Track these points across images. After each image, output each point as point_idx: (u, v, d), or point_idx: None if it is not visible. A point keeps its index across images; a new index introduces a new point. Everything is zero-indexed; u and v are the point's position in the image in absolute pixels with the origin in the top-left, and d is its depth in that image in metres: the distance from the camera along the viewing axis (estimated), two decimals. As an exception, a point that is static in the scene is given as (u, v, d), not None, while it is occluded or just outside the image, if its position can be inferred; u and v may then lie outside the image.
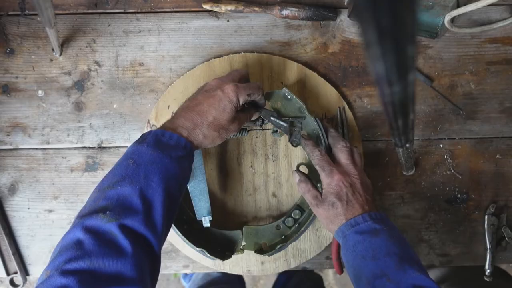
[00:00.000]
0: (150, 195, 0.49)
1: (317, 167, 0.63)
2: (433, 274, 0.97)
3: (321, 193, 0.62)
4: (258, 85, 0.61)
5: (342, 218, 0.59)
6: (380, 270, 0.53)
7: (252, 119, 0.66)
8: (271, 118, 0.66)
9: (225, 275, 1.10)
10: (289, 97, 0.68)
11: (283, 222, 0.69)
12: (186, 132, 0.55)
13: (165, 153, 0.52)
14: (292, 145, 0.67)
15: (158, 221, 0.49)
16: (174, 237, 0.69)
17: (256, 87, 0.61)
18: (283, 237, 0.69)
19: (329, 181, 0.61)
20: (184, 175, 0.55)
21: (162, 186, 0.50)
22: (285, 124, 0.66)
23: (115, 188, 0.49)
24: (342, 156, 0.63)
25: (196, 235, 0.67)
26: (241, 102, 0.58)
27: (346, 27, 0.72)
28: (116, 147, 0.73)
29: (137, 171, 0.50)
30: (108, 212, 0.47)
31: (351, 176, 0.61)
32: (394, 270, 0.52)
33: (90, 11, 0.72)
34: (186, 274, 1.42)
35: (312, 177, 0.66)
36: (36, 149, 0.72)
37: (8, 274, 0.72)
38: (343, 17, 0.72)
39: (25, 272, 0.73)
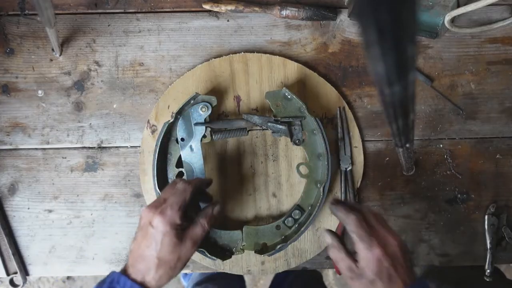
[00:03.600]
0: None
1: (353, 235, 0.54)
2: (433, 273, 0.97)
3: (356, 264, 0.54)
4: (181, 189, 0.56)
5: None
6: None
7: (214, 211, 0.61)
8: (269, 123, 0.66)
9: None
10: (289, 97, 0.68)
11: (283, 222, 0.69)
12: (140, 278, 0.54)
13: None
14: (296, 144, 0.67)
15: None
16: (174, 237, 0.69)
17: (180, 193, 0.56)
18: (283, 237, 0.69)
19: (369, 255, 0.52)
20: None
21: None
22: (283, 127, 0.66)
23: None
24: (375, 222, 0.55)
25: (196, 235, 0.67)
26: (179, 222, 0.55)
27: (346, 27, 0.72)
28: (116, 147, 0.72)
29: None
30: None
31: (391, 246, 0.53)
32: None
33: (90, 11, 0.72)
34: (185, 274, 1.42)
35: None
36: (36, 149, 0.72)
37: (8, 274, 0.72)
38: (343, 17, 0.72)
39: (25, 272, 0.73)
